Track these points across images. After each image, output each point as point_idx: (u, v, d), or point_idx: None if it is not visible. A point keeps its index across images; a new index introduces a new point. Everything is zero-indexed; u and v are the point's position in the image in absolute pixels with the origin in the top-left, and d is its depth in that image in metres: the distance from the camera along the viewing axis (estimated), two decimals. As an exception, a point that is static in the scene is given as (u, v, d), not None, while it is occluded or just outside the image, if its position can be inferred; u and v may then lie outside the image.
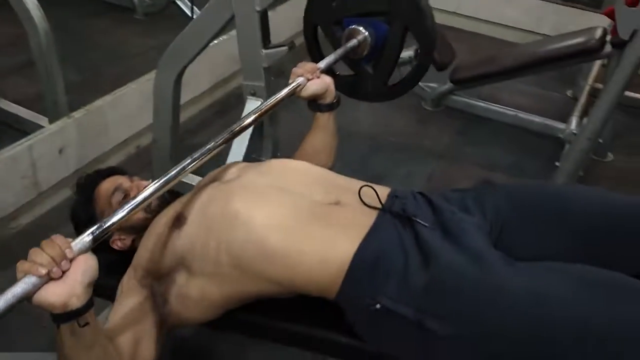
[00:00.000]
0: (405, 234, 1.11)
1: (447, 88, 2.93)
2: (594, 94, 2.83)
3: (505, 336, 0.94)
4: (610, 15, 2.05)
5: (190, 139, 2.61)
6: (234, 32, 1.79)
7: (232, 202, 1.14)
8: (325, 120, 1.52)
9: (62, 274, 0.84)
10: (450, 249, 1.06)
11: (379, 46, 1.71)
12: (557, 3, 3.75)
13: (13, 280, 0.81)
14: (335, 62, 1.64)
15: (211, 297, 1.15)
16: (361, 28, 1.68)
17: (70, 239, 0.88)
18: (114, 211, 0.95)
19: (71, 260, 0.86)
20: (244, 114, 1.86)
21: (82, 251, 0.88)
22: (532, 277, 0.98)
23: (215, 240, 1.12)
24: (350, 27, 1.70)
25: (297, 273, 1.10)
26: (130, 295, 1.16)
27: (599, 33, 2.46)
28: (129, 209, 0.97)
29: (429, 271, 1.03)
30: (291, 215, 1.13)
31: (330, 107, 1.51)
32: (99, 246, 0.93)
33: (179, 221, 1.18)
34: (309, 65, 1.49)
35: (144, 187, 1.04)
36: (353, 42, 1.67)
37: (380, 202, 1.18)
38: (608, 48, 2.43)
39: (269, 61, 1.80)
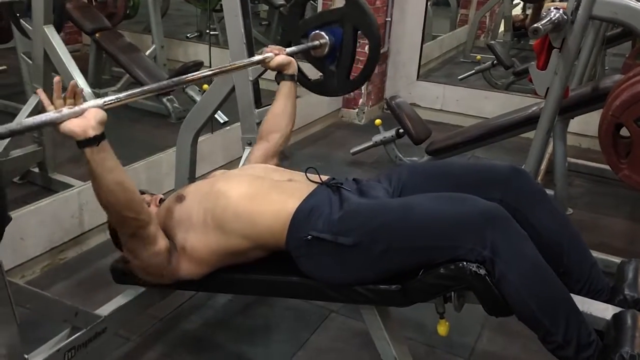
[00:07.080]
0: (333, 196, 1.58)
1: (424, 160, 3.43)
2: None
3: (386, 232, 1.39)
4: (531, 80, 2.57)
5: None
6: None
7: (217, 183, 1.66)
8: (288, 88, 1.98)
9: (81, 114, 1.27)
10: (359, 198, 1.54)
11: (337, 47, 2.18)
12: (524, 95, 4.31)
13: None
14: (299, 52, 2.12)
15: (200, 252, 1.60)
16: (321, 32, 2.19)
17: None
18: None
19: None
20: (241, 162, 2.41)
21: (95, 106, 1.31)
22: (403, 198, 1.46)
23: (203, 209, 1.61)
24: (312, 33, 2.21)
25: (259, 227, 1.56)
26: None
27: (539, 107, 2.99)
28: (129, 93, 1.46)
29: (343, 209, 1.50)
30: (256, 189, 1.62)
31: (292, 77, 1.98)
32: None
33: (179, 199, 1.68)
34: (277, 46, 1.99)
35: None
36: (315, 42, 2.18)
37: (320, 179, 1.67)
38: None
39: (260, 117, 2.36)
